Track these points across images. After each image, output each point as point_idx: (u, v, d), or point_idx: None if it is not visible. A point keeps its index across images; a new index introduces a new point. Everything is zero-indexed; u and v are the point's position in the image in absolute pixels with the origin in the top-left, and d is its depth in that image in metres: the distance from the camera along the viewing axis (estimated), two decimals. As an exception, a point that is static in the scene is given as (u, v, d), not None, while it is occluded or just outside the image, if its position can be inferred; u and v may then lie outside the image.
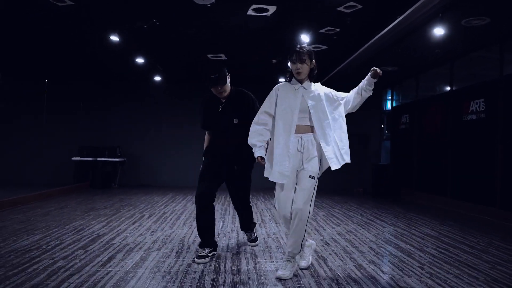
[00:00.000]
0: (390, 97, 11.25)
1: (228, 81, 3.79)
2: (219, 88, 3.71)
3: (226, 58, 8.19)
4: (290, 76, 3.32)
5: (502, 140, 6.21)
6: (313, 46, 7.00)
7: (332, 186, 10.36)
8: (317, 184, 3.18)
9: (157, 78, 10.41)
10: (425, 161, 8.71)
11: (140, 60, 8.39)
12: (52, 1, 5.29)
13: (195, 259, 3.53)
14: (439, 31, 5.54)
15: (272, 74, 9.36)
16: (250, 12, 5.42)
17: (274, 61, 8.30)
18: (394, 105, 11.03)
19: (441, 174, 7.93)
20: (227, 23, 6.00)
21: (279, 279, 3.08)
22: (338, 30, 6.12)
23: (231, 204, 7.39)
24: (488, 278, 3.26)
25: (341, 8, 5.17)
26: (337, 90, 3.47)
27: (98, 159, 10.02)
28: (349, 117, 3.44)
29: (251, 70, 9.28)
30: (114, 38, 6.63)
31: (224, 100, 3.83)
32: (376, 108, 11.35)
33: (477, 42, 6.63)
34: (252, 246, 4.20)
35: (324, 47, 7.06)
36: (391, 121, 10.75)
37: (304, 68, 3.21)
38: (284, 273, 3.12)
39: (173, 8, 5.49)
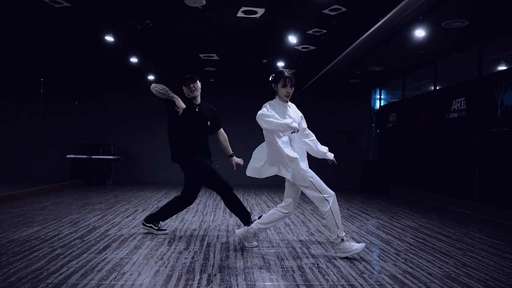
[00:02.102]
0: (378, 96, 11.53)
1: (199, 86, 4.38)
2: (192, 86, 4.29)
3: (218, 58, 8.41)
4: (273, 95, 3.74)
5: (481, 136, 6.50)
6: (301, 46, 7.26)
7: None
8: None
9: (152, 77, 10.60)
10: (411, 158, 9.00)
11: (134, 60, 8.59)
12: (48, 2, 5.49)
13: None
14: (420, 33, 5.80)
15: (263, 74, 9.58)
16: (240, 14, 5.65)
17: (264, 61, 8.54)
18: (382, 104, 11.32)
19: (425, 170, 8.22)
20: (218, 24, 6.23)
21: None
22: (325, 31, 6.36)
23: (222, 200, 7.63)
24: (458, 263, 3.53)
25: (326, 11, 5.42)
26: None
27: (93, 156, 10.20)
28: (339, 114, 3.79)
29: (242, 69, 9.51)
30: (109, 38, 6.83)
31: (197, 104, 4.39)
32: (365, 106, 11.63)
33: (457, 43, 6.91)
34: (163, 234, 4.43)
35: (312, 47, 7.31)
36: (379, 119, 11.04)
37: (291, 92, 3.71)
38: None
39: (165, 10, 5.70)
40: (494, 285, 2.95)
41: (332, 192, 3.63)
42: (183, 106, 4.17)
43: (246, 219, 4.29)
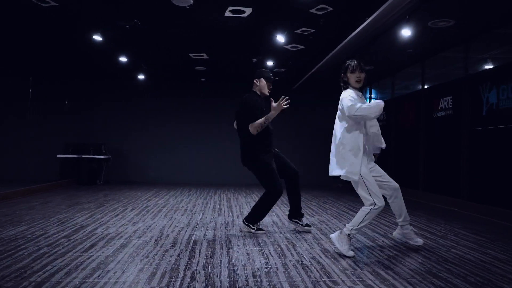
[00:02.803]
0: (368, 96, 11.60)
1: None
2: (271, 86, 4.65)
3: (208, 57, 8.43)
4: (345, 85, 3.73)
5: (467, 135, 6.58)
6: (290, 45, 7.30)
7: (312, 181, 10.69)
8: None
9: (142, 77, 10.60)
10: (400, 156, 9.08)
11: (123, 59, 8.58)
12: (35, 1, 5.47)
13: (259, 231, 4.48)
14: (407, 32, 5.86)
15: (253, 73, 9.60)
16: (227, 13, 5.68)
17: (254, 60, 8.56)
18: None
19: (414, 168, 8.30)
20: (206, 23, 6.25)
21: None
22: (313, 30, 6.41)
23: (212, 199, 7.66)
24: (440, 259, 3.58)
25: (313, 10, 5.46)
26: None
27: (83, 156, 10.17)
28: (329, 113, 3.85)
29: (232, 68, 9.53)
30: (97, 37, 6.83)
31: (264, 99, 4.63)
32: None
33: (444, 42, 6.98)
34: (307, 231, 4.64)
35: (301, 46, 7.35)
36: (369, 118, 11.09)
37: (363, 77, 3.67)
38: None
39: (153, 9, 5.71)
40: (473, 280, 3.01)
41: (383, 202, 3.58)
42: (272, 116, 4.38)
43: (249, 218, 4.55)
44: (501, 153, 5.83)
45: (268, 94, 4.65)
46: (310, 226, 4.69)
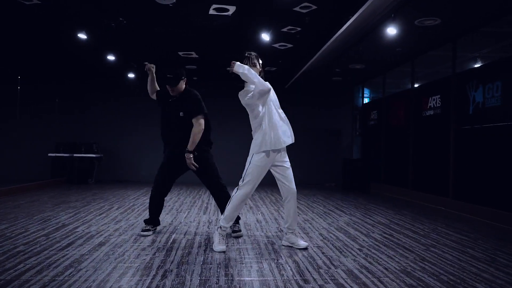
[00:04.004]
0: (361, 94, 11.59)
1: (182, 83, 4.36)
2: (170, 88, 4.34)
3: (197, 56, 8.40)
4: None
5: (454, 133, 6.57)
6: (279, 44, 7.28)
7: (304, 180, 10.67)
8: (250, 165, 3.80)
9: (133, 75, 10.57)
10: (390, 155, 9.07)
11: (112, 58, 8.55)
12: (19, -1, 5.45)
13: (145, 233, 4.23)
14: (393, 31, 5.85)
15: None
16: (211, 11, 5.65)
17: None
18: (365, 102, 11.39)
19: (404, 167, 8.29)
20: (192, 22, 6.23)
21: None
22: (299, 29, 6.39)
23: (201, 198, 7.65)
24: (417, 258, 3.57)
25: (297, 9, 5.43)
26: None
27: (75, 155, 10.15)
28: (322, 112, 3.83)
29: (223, 66, 9.49)
30: (84, 36, 6.81)
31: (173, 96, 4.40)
32: (347, 104, 11.69)
33: (432, 41, 6.97)
34: (235, 237, 4.26)
35: (289, 45, 7.33)
36: (362, 117, 11.11)
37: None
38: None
39: (137, 8, 5.68)
40: (446, 278, 3.00)
41: (250, 191, 3.74)
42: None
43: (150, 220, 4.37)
44: (487, 152, 5.82)
45: (172, 94, 4.36)
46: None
